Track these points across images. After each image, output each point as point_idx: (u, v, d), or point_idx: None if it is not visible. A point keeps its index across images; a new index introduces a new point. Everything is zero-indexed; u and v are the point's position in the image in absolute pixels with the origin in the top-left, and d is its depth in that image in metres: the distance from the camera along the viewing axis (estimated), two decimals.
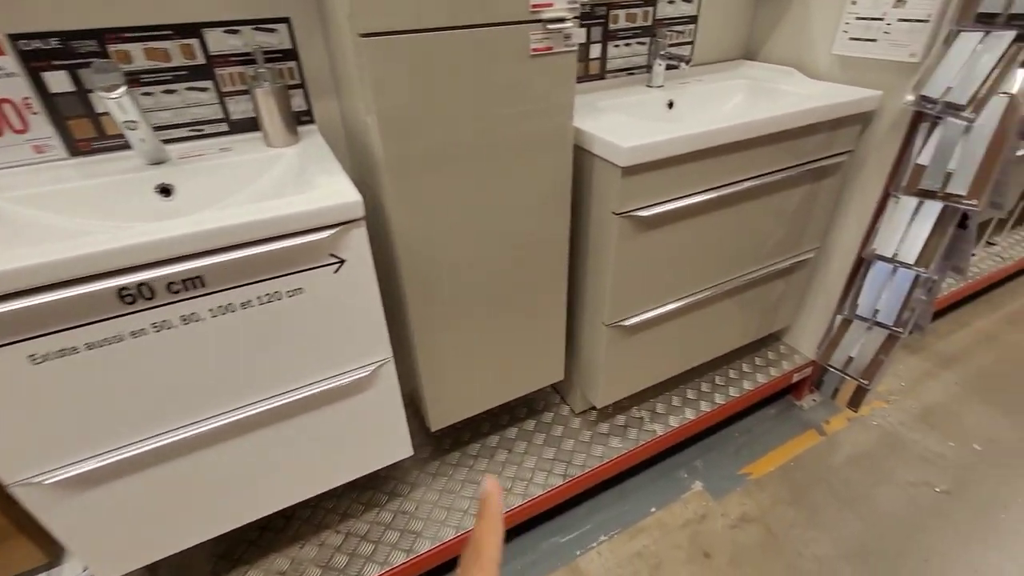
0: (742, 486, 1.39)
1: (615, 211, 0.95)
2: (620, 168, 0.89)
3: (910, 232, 1.15)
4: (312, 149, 0.89)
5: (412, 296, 0.91)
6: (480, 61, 0.76)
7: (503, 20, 0.75)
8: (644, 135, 0.90)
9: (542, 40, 0.78)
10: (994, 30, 0.94)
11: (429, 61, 0.73)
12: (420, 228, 0.86)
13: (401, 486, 1.21)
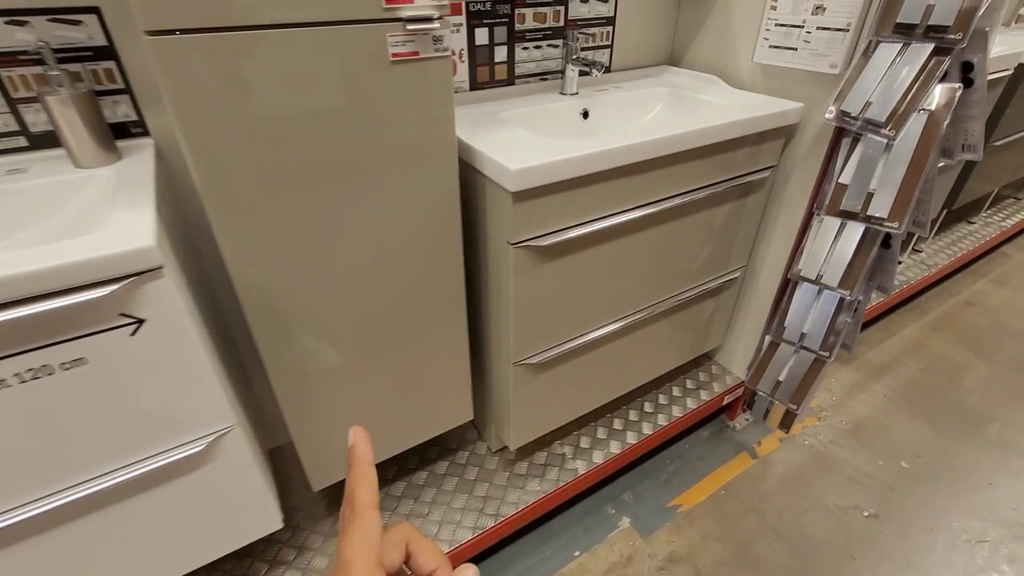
0: (672, 520, 1.31)
1: (510, 241, 0.82)
2: (510, 193, 0.77)
3: (833, 254, 1.09)
4: (133, 171, 0.72)
5: (267, 349, 0.76)
6: (323, 67, 0.62)
7: (348, 18, 0.61)
8: (540, 154, 0.78)
9: (404, 43, 0.65)
10: (913, 41, 0.88)
11: (249, 66, 0.58)
12: (267, 269, 0.71)
13: (286, 551, 1.05)
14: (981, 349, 1.87)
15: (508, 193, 0.77)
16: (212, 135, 0.59)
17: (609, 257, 0.98)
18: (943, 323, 2.00)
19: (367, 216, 0.75)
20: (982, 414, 1.60)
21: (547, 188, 0.80)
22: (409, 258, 0.83)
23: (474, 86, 1.08)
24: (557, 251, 0.89)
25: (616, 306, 1.08)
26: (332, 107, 0.65)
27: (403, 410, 0.99)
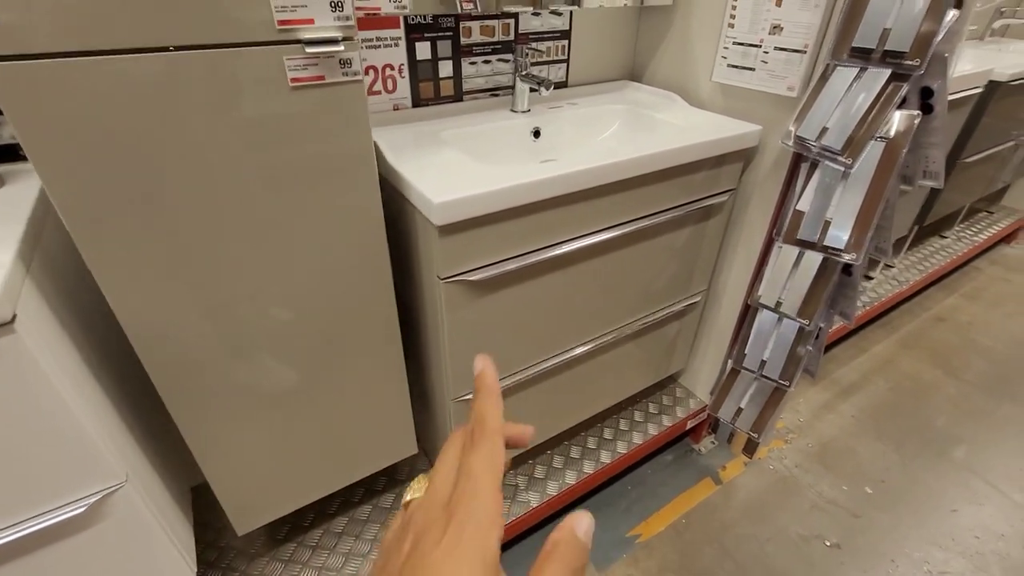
0: (629, 552, 1.26)
1: (439, 275, 0.77)
2: (436, 227, 0.71)
3: (792, 281, 1.05)
4: (10, 201, 0.65)
5: (168, 393, 0.70)
6: (216, 93, 0.56)
7: (236, 40, 0.54)
8: (470, 184, 0.72)
9: (306, 67, 0.59)
10: (871, 66, 0.83)
11: (119, 94, 0.51)
12: (159, 308, 0.64)
13: None
14: (950, 367, 1.85)
15: (434, 226, 0.71)
16: (78, 171, 0.52)
17: (554, 288, 0.93)
18: (913, 340, 1.98)
19: (284, 254, 0.69)
20: (949, 436, 1.58)
21: (479, 220, 0.75)
22: (331, 293, 0.77)
23: (417, 103, 1.02)
24: (494, 285, 0.83)
25: (565, 337, 1.03)
26: (229, 135, 0.59)
27: (338, 446, 0.93)
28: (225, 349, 0.71)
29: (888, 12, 0.78)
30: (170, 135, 0.56)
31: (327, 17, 0.57)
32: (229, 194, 0.62)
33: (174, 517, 0.81)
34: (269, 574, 1.03)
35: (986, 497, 1.40)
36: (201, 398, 0.73)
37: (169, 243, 0.61)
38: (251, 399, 0.78)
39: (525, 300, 0.90)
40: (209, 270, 0.65)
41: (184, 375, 0.70)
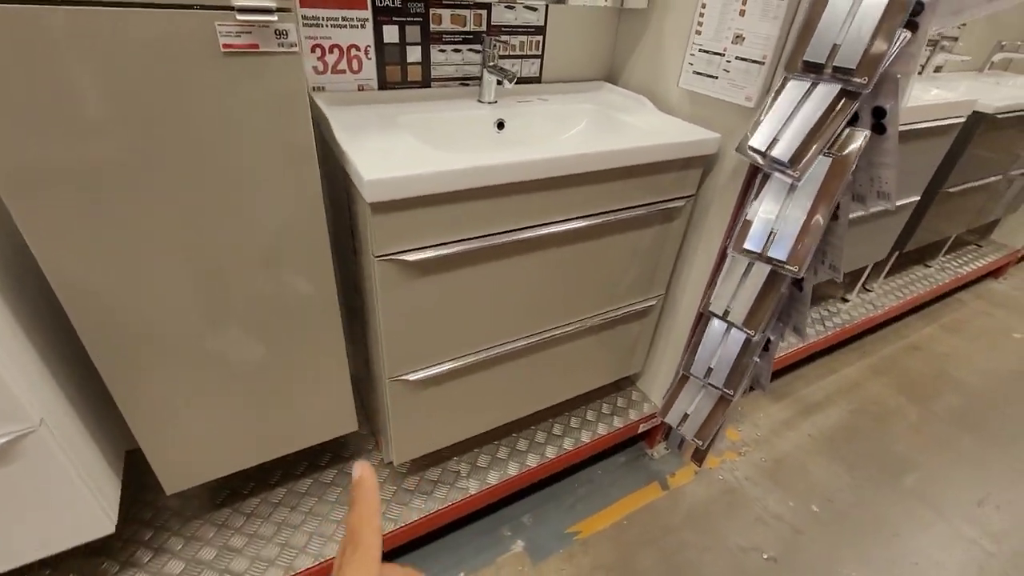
0: (567, 547, 1.27)
1: (374, 253, 0.78)
2: (368, 204, 0.72)
3: (741, 291, 1.05)
4: None
5: (95, 350, 0.71)
6: (142, 53, 0.57)
7: (166, 2, 0.56)
8: (406, 165, 0.74)
9: (239, 35, 0.60)
10: (822, 81, 0.84)
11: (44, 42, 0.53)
12: (92, 271, 0.66)
13: (142, 552, 1.00)
14: (917, 396, 1.84)
15: (367, 203, 0.73)
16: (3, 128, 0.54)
17: (501, 277, 0.94)
18: (885, 366, 1.98)
19: (209, 218, 0.70)
20: (904, 462, 1.58)
21: (416, 201, 0.76)
22: (266, 265, 0.78)
23: (383, 85, 1.03)
24: (433, 267, 0.84)
25: (513, 326, 1.04)
26: (159, 97, 0.60)
27: (273, 416, 0.95)
28: (153, 311, 0.73)
29: (838, 28, 0.78)
30: (101, 94, 0.57)
31: None
32: (159, 157, 0.63)
33: (100, 472, 0.83)
34: (201, 536, 1.04)
35: (930, 525, 1.40)
36: (129, 356, 0.74)
37: (96, 203, 0.62)
38: (181, 361, 0.79)
39: (469, 286, 0.91)
40: (137, 231, 0.67)
41: (111, 333, 0.71)
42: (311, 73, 0.96)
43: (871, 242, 1.73)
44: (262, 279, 0.79)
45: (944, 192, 1.77)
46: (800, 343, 1.74)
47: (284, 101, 0.67)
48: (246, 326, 0.82)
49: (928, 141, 1.53)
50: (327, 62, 0.95)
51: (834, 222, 1.01)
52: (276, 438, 0.98)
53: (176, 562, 0.99)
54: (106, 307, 0.69)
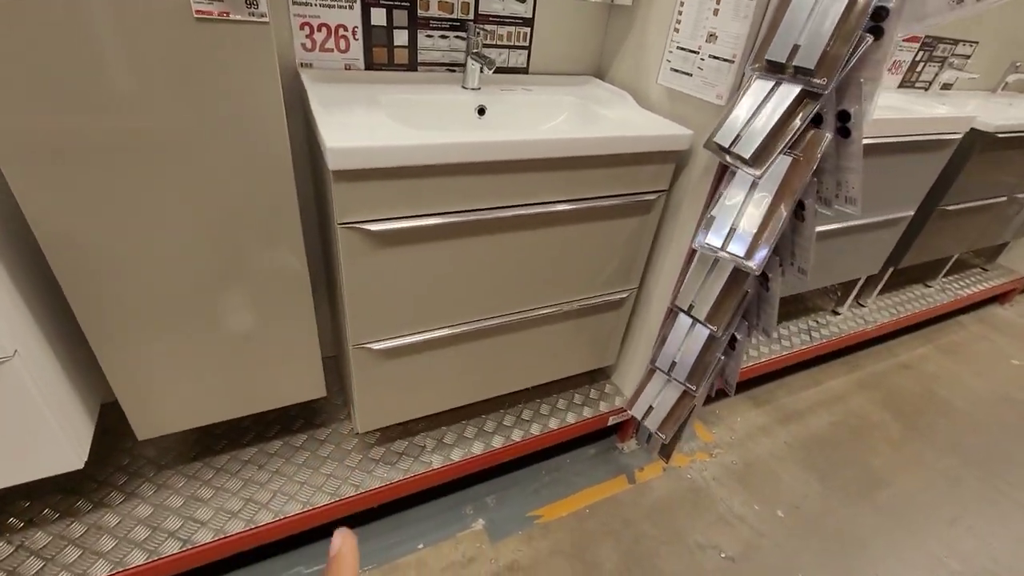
0: (526, 529, 1.30)
1: (337, 221, 0.82)
2: (331, 171, 0.77)
3: (705, 287, 1.07)
4: None
5: (79, 303, 0.77)
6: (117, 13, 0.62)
7: None
8: (370, 138, 0.77)
9: (211, 1, 0.64)
10: (784, 81, 0.86)
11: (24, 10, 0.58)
12: (78, 231, 0.71)
13: (115, 495, 1.06)
14: (901, 413, 1.83)
15: (330, 171, 0.77)
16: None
17: (464, 255, 0.97)
18: (872, 382, 1.96)
19: (181, 175, 0.75)
20: (878, 478, 1.57)
21: (377, 172, 0.80)
22: (237, 229, 0.82)
23: (369, 66, 1.07)
24: (395, 239, 0.88)
25: (481, 305, 1.07)
26: (137, 57, 0.65)
27: (242, 376, 0.99)
28: (130, 262, 0.78)
29: (799, 29, 0.80)
30: (81, 55, 0.62)
31: None
32: (136, 114, 0.68)
33: (72, 411, 0.88)
34: (171, 484, 1.10)
35: (898, 540, 1.39)
36: (105, 308, 0.80)
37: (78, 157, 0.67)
38: (155, 315, 0.84)
39: (434, 261, 0.95)
40: (115, 184, 0.71)
41: (88, 279, 0.76)
42: (299, 50, 1.00)
43: (862, 255, 1.72)
44: (233, 241, 0.83)
45: (941, 209, 1.76)
46: (782, 350, 1.74)
47: (254, 67, 0.71)
48: (218, 286, 0.87)
49: (921, 155, 1.53)
50: (315, 40, 1.00)
51: (801, 224, 1.02)
52: (245, 397, 1.02)
53: (145, 506, 1.05)
54: (84, 260, 0.74)
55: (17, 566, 0.93)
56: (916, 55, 1.83)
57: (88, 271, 0.76)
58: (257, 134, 0.76)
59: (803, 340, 1.82)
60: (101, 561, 0.95)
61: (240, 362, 0.97)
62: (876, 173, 1.47)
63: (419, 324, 1.02)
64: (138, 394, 0.92)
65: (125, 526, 1.01)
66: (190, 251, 0.81)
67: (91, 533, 0.99)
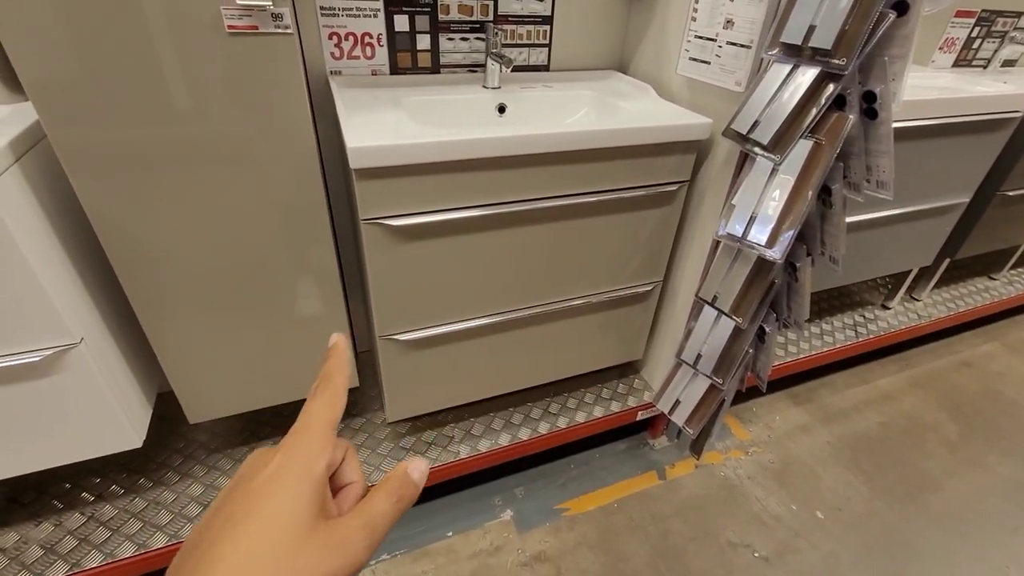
0: (553, 521, 1.31)
1: (362, 217, 0.87)
2: (353, 170, 0.81)
3: (729, 278, 1.05)
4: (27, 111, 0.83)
5: (135, 295, 0.86)
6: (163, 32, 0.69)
7: None
8: (389, 137, 0.82)
9: (241, 17, 0.71)
10: (802, 64, 0.84)
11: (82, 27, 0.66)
12: (133, 229, 0.80)
13: (171, 474, 1.16)
14: (959, 413, 1.71)
15: (351, 169, 0.82)
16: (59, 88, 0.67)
17: (485, 248, 1.00)
18: (927, 380, 1.85)
19: (222, 182, 0.82)
20: (930, 481, 1.48)
21: (397, 170, 0.84)
22: (271, 225, 0.89)
23: (394, 70, 1.13)
24: (418, 233, 0.92)
25: (502, 298, 1.09)
26: (173, 73, 0.72)
27: (280, 365, 1.07)
28: (177, 257, 0.86)
29: (815, 8, 0.78)
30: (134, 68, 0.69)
31: None
32: (182, 123, 0.75)
33: (132, 395, 0.97)
34: (220, 467, 1.18)
35: (952, 550, 1.31)
36: (157, 295, 0.88)
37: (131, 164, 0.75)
38: (200, 304, 0.92)
39: (456, 254, 0.98)
40: (164, 188, 0.79)
41: (156, 282, 0.85)
42: (329, 59, 1.07)
43: (913, 245, 1.63)
44: (267, 236, 0.90)
45: (1002, 195, 1.64)
46: (824, 346, 1.67)
47: (282, 74, 0.77)
48: (256, 278, 0.94)
49: (977, 137, 1.43)
50: (343, 48, 1.06)
51: (829, 211, 0.99)
52: (282, 385, 1.10)
53: (197, 485, 1.14)
54: (139, 255, 0.83)
55: (88, 535, 1.03)
56: (971, 31, 1.72)
57: (142, 265, 0.84)
58: (287, 135, 0.82)
59: (848, 336, 1.74)
60: (159, 534, 1.04)
61: (277, 352, 1.04)
62: (925, 157, 1.39)
63: (444, 316, 1.06)
64: (188, 380, 1.00)
65: (180, 503, 1.10)
66: (229, 246, 0.88)
67: (151, 508, 1.09)
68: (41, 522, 1.05)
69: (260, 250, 0.91)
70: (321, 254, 0.96)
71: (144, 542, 1.02)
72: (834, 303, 1.92)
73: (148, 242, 0.83)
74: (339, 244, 1.32)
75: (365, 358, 1.51)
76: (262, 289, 0.95)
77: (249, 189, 0.84)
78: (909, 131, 1.29)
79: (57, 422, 0.86)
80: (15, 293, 0.73)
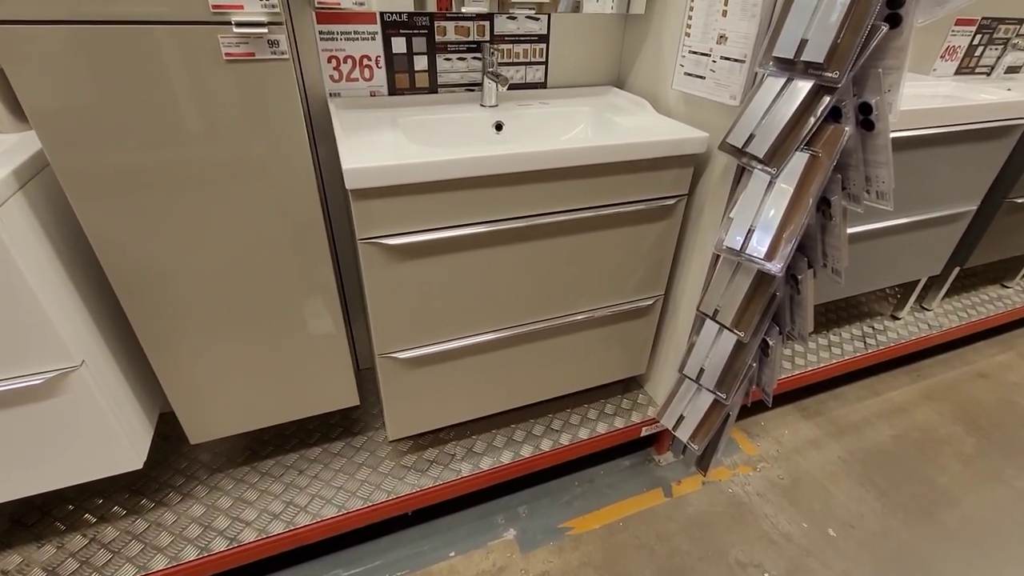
0: (557, 541, 1.29)
1: (359, 237, 0.88)
2: (348, 190, 0.82)
3: (729, 291, 1.04)
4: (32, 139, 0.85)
5: (136, 317, 0.87)
6: (162, 62, 0.70)
7: (179, 19, 0.69)
8: (383, 157, 0.83)
9: (238, 44, 0.72)
10: (796, 77, 0.84)
11: (84, 58, 0.67)
12: (134, 252, 0.81)
13: (173, 495, 1.16)
14: (975, 425, 1.67)
15: (347, 190, 0.82)
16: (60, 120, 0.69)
17: (483, 265, 1.00)
18: (941, 392, 1.81)
19: (222, 204, 0.83)
20: (946, 497, 1.44)
21: (393, 189, 0.85)
22: (270, 246, 0.90)
23: (393, 91, 1.14)
24: (414, 252, 0.93)
25: (501, 315, 1.09)
26: (181, 96, 0.73)
27: (279, 386, 1.07)
28: (177, 278, 0.87)
29: (806, 22, 0.78)
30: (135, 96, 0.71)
31: (255, 4, 0.70)
32: (188, 146, 0.77)
33: (133, 416, 0.98)
34: (222, 486, 1.18)
35: (970, 568, 1.27)
36: (157, 316, 0.89)
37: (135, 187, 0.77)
38: (200, 325, 0.93)
39: (454, 272, 0.98)
40: (162, 210, 0.80)
41: (142, 293, 0.86)
42: (328, 81, 1.09)
43: (920, 254, 1.61)
44: (267, 257, 0.91)
45: (1010, 202, 1.61)
46: (832, 358, 1.64)
47: (279, 100, 0.78)
48: (255, 298, 0.94)
49: (982, 144, 1.42)
50: (342, 71, 1.08)
51: (829, 223, 0.98)
52: (282, 405, 1.10)
53: (199, 506, 1.14)
54: (138, 276, 0.84)
55: (89, 557, 1.03)
56: (973, 39, 1.71)
57: (142, 288, 0.85)
58: (285, 158, 0.83)
59: (857, 347, 1.71)
60: (159, 556, 1.04)
61: (278, 371, 1.05)
62: (930, 166, 1.37)
63: (444, 333, 1.06)
64: (189, 401, 1.00)
65: (180, 524, 1.10)
66: (228, 267, 0.89)
67: (152, 530, 1.08)
68: (44, 544, 1.05)
69: (259, 270, 0.92)
70: (320, 273, 0.97)
71: (144, 564, 1.02)
72: (842, 314, 1.89)
73: (148, 264, 0.84)
74: (340, 262, 1.33)
75: (367, 375, 1.51)
76: (262, 309, 0.96)
77: (248, 211, 0.85)
78: (912, 140, 1.28)
79: (58, 444, 0.87)
80: (18, 318, 0.74)
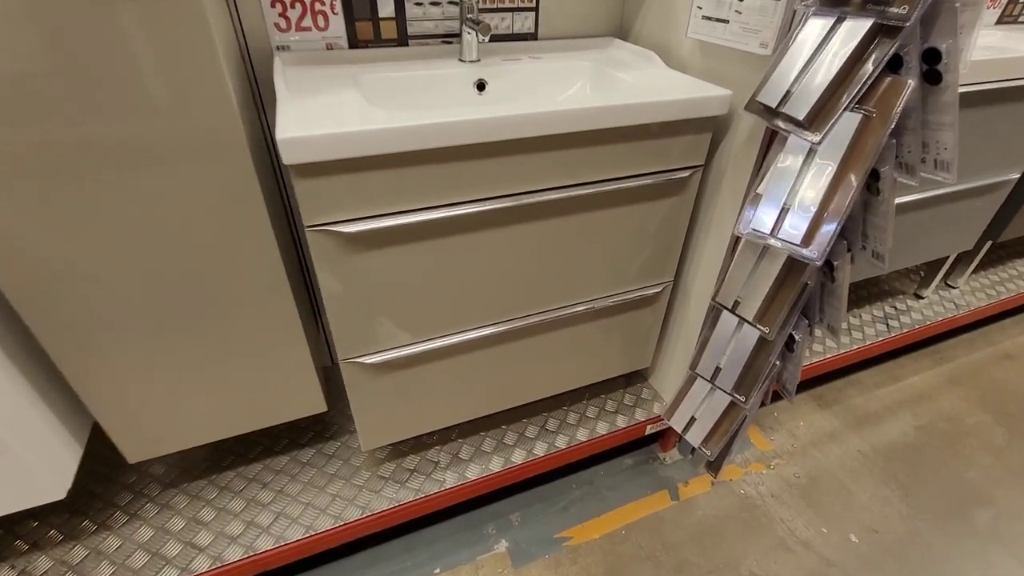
0: (553, 553, 1.17)
1: (305, 224, 0.71)
2: (289, 167, 0.65)
3: (753, 280, 0.89)
4: None
5: (39, 327, 0.71)
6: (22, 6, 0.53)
7: None
8: (332, 124, 0.66)
9: None
10: (849, 15, 0.66)
11: None
12: (24, 248, 0.64)
13: (119, 515, 1.02)
14: (1004, 413, 1.55)
15: (287, 167, 0.66)
16: None
17: (460, 254, 0.84)
18: (966, 376, 1.68)
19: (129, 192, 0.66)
20: (977, 493, 1.33)
21: (345, 164, 0.68)
22: (197, 238, 0.73)
23: (354, 44, 0.96)
24: (376, 241, 0.76)
25: (483, 310, 0.94)
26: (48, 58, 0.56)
27: (231, 394, 0.92)
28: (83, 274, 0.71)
29: None
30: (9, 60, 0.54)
31: None
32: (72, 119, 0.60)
33: (53, 441, 0.82)
34: (174, 505, 1.05)
35: (1007, 573, 1.16)
36: (63, 320, 0.73)
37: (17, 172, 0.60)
38: (123, 329, 0.77)
39: (426, 263, 0.83)
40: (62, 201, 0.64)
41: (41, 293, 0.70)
42: (273, 31, 0.90)
43: (953, 228, 1.45)
44: (195, 253, 0.75)
45: None
46: (852, 343, 1.50)
47: (190, 53, 0.60)
48: (188, 296, 0.78)
49: None
50: (289, 18, 0.89)
51: (875, 198, 0.82)
52: (237, 415, 0.95)
53: (146, 529, 1.00)
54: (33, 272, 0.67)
55: None
56: None
57: (42, 292, 0.69)
58: (206, 131, 0.66)
59: (878, 330, 1.57)
60: None
61: (225, 380, 0.90)
62: (968, 129, 1.21)
63: (417, 333, 0.91)
64: (121, 416, 0.86)
65: (125, 551, 0.96)
66: (147, 264, 0.73)
67: (91, 559, 0.95)
68: None
69: (190, 269, 0.75)
70: (266, 269, 0.80)
71: None
72: (861, 293, 1.75)
73: (43, 263, 0.67)
74: (305, 255, 1.16)
75: (338, 376, 1.37)
76: (196, 312, 0.80)
77: (164, 197, 0.68)
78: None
79: None
80: None
